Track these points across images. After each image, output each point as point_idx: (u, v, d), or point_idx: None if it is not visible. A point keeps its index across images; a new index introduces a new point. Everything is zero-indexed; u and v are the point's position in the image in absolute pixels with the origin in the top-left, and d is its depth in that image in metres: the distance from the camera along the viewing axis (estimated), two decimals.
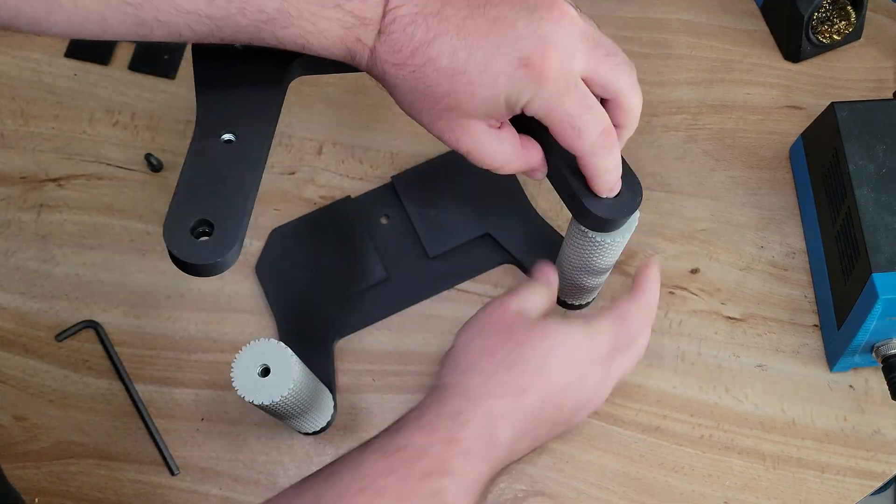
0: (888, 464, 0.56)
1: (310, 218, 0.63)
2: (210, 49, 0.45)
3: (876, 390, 0.58)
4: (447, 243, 0.61)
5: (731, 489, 0.56)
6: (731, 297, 0.61)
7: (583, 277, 0.53)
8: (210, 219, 0.41)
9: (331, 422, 0.57)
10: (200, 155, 0.42)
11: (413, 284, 0.61)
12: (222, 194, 0.41)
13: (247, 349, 0.47)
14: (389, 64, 0.41)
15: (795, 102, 0.68)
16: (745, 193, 0.64)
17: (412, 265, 0.61)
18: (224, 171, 0.42)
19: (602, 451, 0.57)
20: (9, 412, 0.58)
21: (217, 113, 0.44)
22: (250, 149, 0.43)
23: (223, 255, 0.40)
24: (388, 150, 0.65)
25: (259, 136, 0.43)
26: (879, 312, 0.52)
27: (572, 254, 0.50)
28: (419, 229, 0.61)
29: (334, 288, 0.60)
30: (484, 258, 0.62)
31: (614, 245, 0.48)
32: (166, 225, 0.41)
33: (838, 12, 0.67)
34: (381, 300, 0.61)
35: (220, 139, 0.43)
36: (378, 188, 0.64)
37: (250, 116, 0.44)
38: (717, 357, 0.59)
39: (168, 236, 0.41)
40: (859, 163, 0.56)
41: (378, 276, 0.60)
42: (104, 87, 0.68)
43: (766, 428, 0.57)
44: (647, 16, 0.70)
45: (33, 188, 0.64)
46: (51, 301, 0.61)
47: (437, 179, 0.63)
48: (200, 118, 0.44)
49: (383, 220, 0.63)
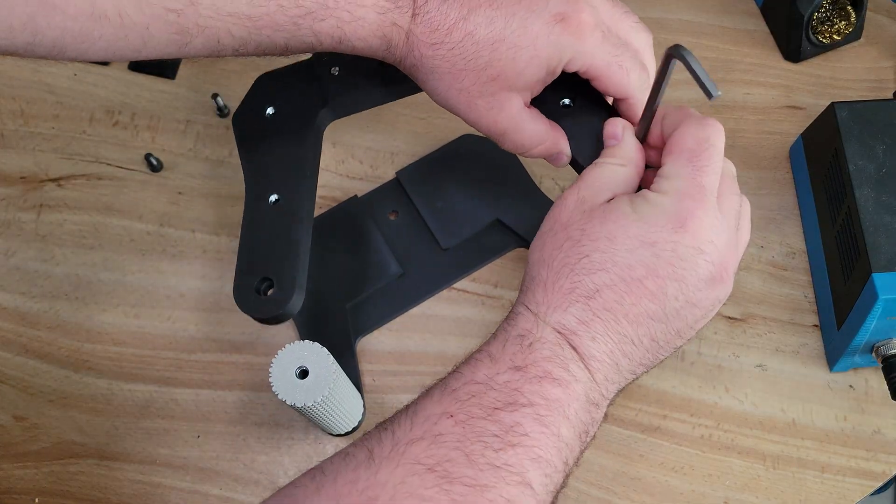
0: (888, 464, 0.56)
1: (318, 221, 0.63)
2: (247, 118, 0.50)
3: (876, 390, 0.58)
4: (459, 233, 0.61)
5: (731, 489, 0.56)
6: (731, 297, 0.61)
7: None
8: (271, 276, 0.45)
9: (361, 421, 0.57)
10: (253, 219, 0.47)
11: (429, 276, 0.61)
12: (278, 252, 0.46)
13: (284, 351, 0.47)
14: (426, 45, 0.41)
15: (795, 102, 0.68)
16: (745, 193, 0.64)
17: (426, 258, 0.61)
18: (276, 229, 0.46)
19: (602, 451, 0.57)
20: (9, 412, 0.58)
21: (262, 178, 0.48)
22: (296, 205, 0.47)
23: (285, 307, 0.45)
24: (388, 150, 0.65)
25: (301, 191, 0.47)
26: (879, 312, 0.52)
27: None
28: (429, 222, 0.62)
29: (350, 288, 0.60)
30: (496, 244, 0.62)
31: None
32: (235, 288, 0.46)
33: (838, 12, 0.67)
34: (399, 295, 0.61)
35: (269, 201, 0.47)
36: (383, 185, 0.64)
37: (292, 175, 0.48)
38: (716, 357, 0.59)
39: (238, 297, 0.45)
40: (859, 163, 0.56)
41: (394, 272, 0.60)
42: (104, 87, 0.68)
43: (766, 428, 0.57)
44: (647, 16, 0.70)
45: (33, 188, 0.64)
46: (51, 301, 0.61)
47: (440, 171, 0.63)
48: (249, 185, 0.48)
49: (392, 216, 0.63)
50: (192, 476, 0.56)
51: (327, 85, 0.50)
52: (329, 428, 0.54)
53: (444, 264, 0.61)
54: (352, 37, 0.41)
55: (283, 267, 0.45)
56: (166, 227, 0.63)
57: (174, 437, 0.57)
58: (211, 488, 0.56)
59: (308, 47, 0.42)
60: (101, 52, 0.39)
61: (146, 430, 0.57)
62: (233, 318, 0.60)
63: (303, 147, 0.48)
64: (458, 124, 0.66)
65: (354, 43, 0.42)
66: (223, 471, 0.56)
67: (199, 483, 0.56)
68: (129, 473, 0.56)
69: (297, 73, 0.51)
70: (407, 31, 0.41)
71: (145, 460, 0.56)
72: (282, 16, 0.40)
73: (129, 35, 0.38)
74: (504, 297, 0.61)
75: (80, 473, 0.56)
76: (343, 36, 0.41)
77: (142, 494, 0.56)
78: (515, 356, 0.36)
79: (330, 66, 0.50)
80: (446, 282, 0.61)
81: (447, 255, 0.61)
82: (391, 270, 0.60)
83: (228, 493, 0.56)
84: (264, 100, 0.50)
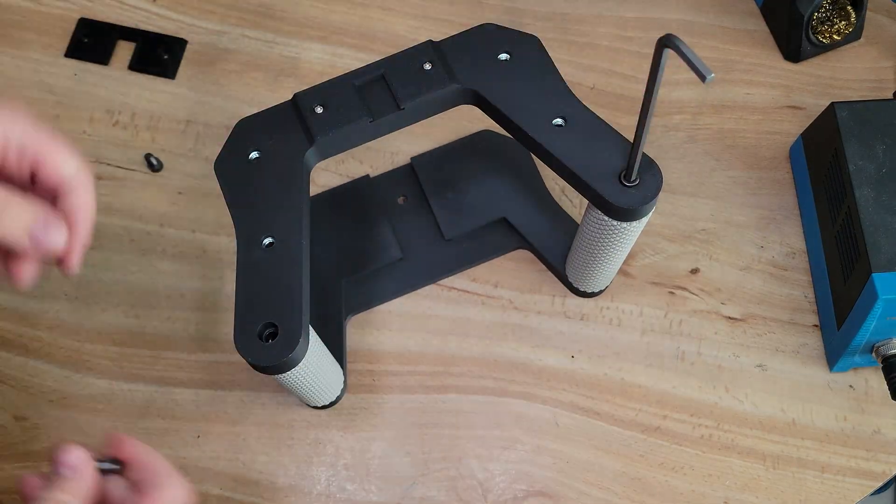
0: (888, 464, 0.56)
1: (328, 195, 0.63)
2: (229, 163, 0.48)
3: (876, 390, 0.58)
4: (463, 226, 0.61)
5: (731, 489, 0.56)
6: (731, 297, 0.61)
7: (600, 264, 0.54)
8: (274, 321, 0.44)
9: (340, 396, 0.57)
10: (247, 263, 0.46)
11: (427, 265, 0.61)
12: (279, 297, 0.44)
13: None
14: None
15: (795, 102, 0.68)
16: (745, 193, 0.64)
17: (427, 246, 0.62)
18: (273, 272, 0.45)
19: (602, 451, 0.57)
20: (9, 412, 0.58)
21: (252, 222, 0.47)
22: (294, 248, 0.46)
23: (292, 352, 0.43)
24: (387, 150, 0.65)
25: (295, 233, 0.46)
26: (879, 312, 0.52)
27: (590, 241, 0.51)
28: (436, 211, 0.62)
29: (349, 264, 0.60)
30: (499, 242, 0.62)
31: (634, 230, 0.49)
32: (236, 335, 0.44)
33: (838, 12, 0.67)
34: (395, 279, 0.61)
35: (262, 244, 0.46)
36: (397, 169, 0.64)
37: (283, 217, 0.46)
38: (717, 357, 0.59)
39: (239, 345, 0.44)
40: (859, 163, 0.56)
41: (393, 256, 0.61)
42: (104, 88, 0.68)
43: (766, 428, 0.57)
44: (647, 16, 0.70)
45: None
46: (51, 301, 0.61)
47: (455, 163, 0.64)
48: (238, 230, 0.47)
49: (401, 200, 0.63)
50: (192, 476, 0.56)
51: (312, 124, 0.48)
52: (306, 399, 0.54)
53: (444, 255, 0.62)
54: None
55: (286, 313, 0.44)
56: (166, 227, 0.63)
57: (174, 437, 0.57)
58: (211, 488, 0.56)
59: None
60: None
61: (146, 430, 0.57)
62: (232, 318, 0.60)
63: (291, 189, 0.47)
64: (458, 124, 0.66)
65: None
66: (223, 471, 0.56)
67: (199, 483, 0.56)
68: None
69: (278, 114, 0.49)
70: None
71: None
72: None
73: None
74: (504, 297, 0.61)
75: None
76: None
77: None
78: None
79: (314, 105, 0.48)
80: (444, 272, 0.61)
81: (449, 246, 0.62)
82: (391, 253, 0.61)
83: (228, 493, 0.56)
84: (246, 144, 0.48)
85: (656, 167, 0.46)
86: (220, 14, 0.70)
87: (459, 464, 0.56)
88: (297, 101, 0.48)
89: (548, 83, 0.48)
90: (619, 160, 0.46)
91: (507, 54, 0.49)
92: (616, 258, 0.53)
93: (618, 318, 0.60)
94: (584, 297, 0.61)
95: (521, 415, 0.57)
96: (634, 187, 0.45)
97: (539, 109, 0.47)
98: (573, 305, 0.61)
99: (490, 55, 0.49)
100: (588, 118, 0.47)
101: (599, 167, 0.46)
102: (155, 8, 0.70)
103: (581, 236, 0.52)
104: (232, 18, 0.70)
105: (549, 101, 0.48)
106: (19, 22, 0.70)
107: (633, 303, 0.61)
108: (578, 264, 0.56)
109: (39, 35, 0.69)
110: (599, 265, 0.54)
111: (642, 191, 0.45)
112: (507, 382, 0.58)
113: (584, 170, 0.46)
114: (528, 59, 0.49)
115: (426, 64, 0.48)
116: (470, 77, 0.48)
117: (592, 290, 0.59)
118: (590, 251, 0.52)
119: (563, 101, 0.48)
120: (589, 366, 0.59)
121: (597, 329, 0.60)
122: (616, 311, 0.60)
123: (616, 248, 0.51)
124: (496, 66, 0.49)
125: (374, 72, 0.48)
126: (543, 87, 0.48)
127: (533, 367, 0.59)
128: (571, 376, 0.59)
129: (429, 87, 0.48)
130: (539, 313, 0.60)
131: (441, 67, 0.48)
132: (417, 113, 0.49)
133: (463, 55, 0.49)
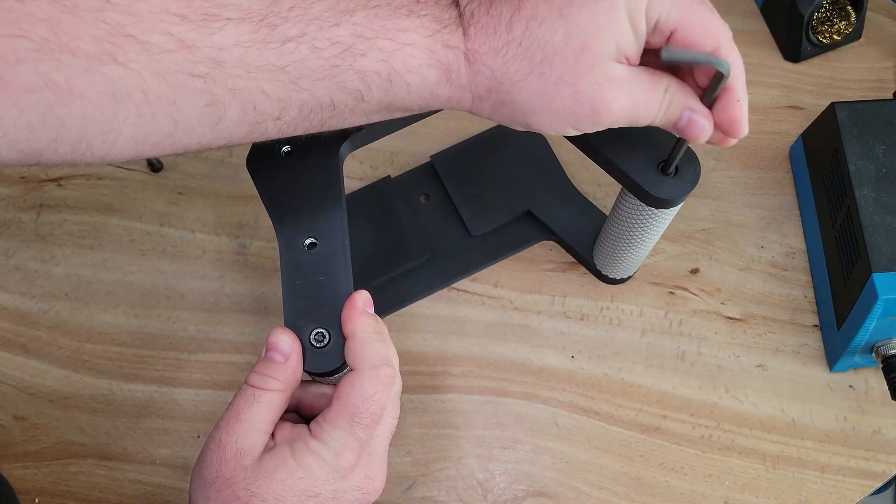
0: (888, 464, 0.56)
1: (350, 198, 0.63)
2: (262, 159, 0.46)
3: (876, 390, 0.58)
4: (489, 221, 0.62)
5: (731, 489, 0.56)
6: (731, 297, 0.61)
7: (632, 250, 0.54)
8: (322, 326, 0.42)
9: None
10: (292, 267, 0.44)
11: (455, 261, 0.61)
12: (324, 297, 0.43)
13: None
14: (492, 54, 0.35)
15: (795, 102, 0.68)
16: (745, 193, 0.64)
17: (453, 243, 0.62)
18: (318, 274, 0.44)
19: (602, 451, 0.57)
20: (9, 412, 0.58)
21: (292, 222, 0.45)
22: (334, 246, 0.44)
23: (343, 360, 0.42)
24: (387, 150, 0.65)
25: (337, 231, 0.45)
26: (879, 312, 0.52)
27: (623, 227, 0.51)
28: (460, 208, 0.62)
29: (376, 266, 0.60)
30: (524, 235, 0.62)
31: (668, 215, 0.49)
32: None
33: (838, 12, 0.67)
34: (424, 278, 0.61)
35: (304, 245, 0.44)
36: (416, 168, 0.64)
37: (322, 215, 0.45)
38: (717, 357, 0.59)
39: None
40: (859, 163, 0.56)
41: (422, 255, 0.61)
42: None
43: (766, 428, 0.57)
44: None
45: (33, 188, 0.64)
46: (51, 301, 0.61)
47: (475, 158, 0.64)
48: (278, 231, 0.45)
49: (423, 199, 0.63)
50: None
51: None
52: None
53: (471, 251, 0.62)
54: (401, 70, 0.35)
55: (334, 318, 0.43)
56: (166, 227, 0.63)
57: (174, 437, 0.57)
58: None
59: (355, 95, 0.36)
60: (129, 142, 0.34)
61: (146, 431, 0.57)
62: (233, 318, 0.60)
63: (329, 185, 0.46)
64: (458, 123, 0.66)
65: (407, 78, 0.36)
66: None
67: None
68: (129, 473, 0.56)
69: None
70: (465, 50, 0.36)
71: (145, 460, 0.56)
72: (316, 59, 0.34)
73: (157, 114, 0.33)
74: (504, 297, 0.61)
75: (80, 473, 0.56)
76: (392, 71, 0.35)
77: (142, 494, 0.55)
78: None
79: None
80: (472, 268, 0.61)
81: (475, 241, 0.62)
82: (419, 253, 0.61)
83: None
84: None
85: (696, 158, 0.46)
86: None
87: (459, 464, 0.56)
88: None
89: None
90: (656, 150, 0.46)
91: None
92: (648, 243, 0.53)
93: (618, 318, 0.60)
94: (611, 284, 0.61)
95: (521, 415, 0.57)
96: (673, 178, 0.45)
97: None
98: (573, 305, 0.61)
99: None
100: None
101: (638, 157, 0.46)
102: None
103: (613, 222, 0.53)
104: None
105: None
106: None
107: (633, 303, 0.61)
108: (608, 251, 0.56)
109: None
110: (630, 251, 0.54)
111: (681, 181, 0.45)
112: (507, 382, 0.58)
113: (624, 160, 0.46)
114: None
115: None
116: None
117: (621, 276, 0.60)
118: (621, 237, 0.52)
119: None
120: (589, 366, 0.59)
121: (597, 329, 0.60)
122: (616, 311, 0.60)
123: (649, 234, 0.51)
124: None
125: None
126: None
127: (533, 367, 0.59)
128: (571, 376, 0.59)
129: None
130: (539, 313, 0.60)
131: None
132: None
133: None
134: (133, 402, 0.58)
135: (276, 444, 0.40)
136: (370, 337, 0.41)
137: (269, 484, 0.38)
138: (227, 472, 0.38)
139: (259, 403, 0.39)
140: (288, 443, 0.40)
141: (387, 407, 0.41)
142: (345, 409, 0.39)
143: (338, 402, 0.39)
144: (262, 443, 0.39)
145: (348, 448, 0.39)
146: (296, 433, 0.40)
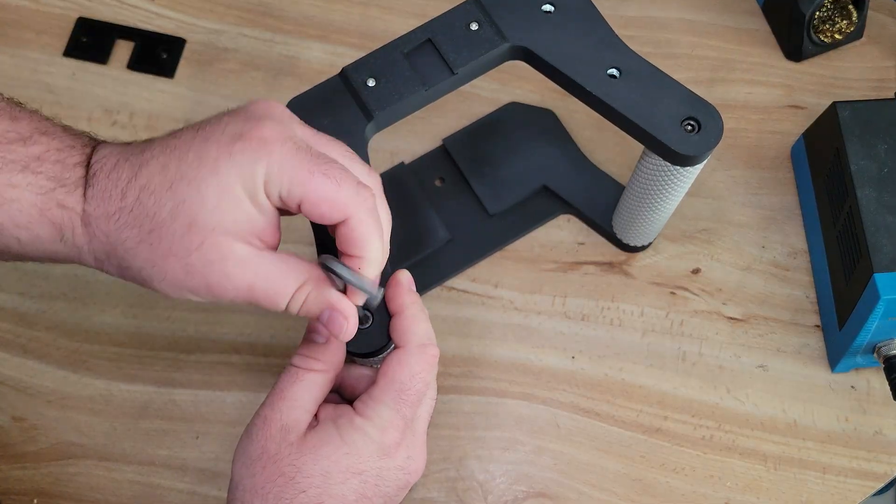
0: (889, 464, 0.56)
1: None
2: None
3: (877, 391, 0.58)
4: (506, 199, 0.62)
5: (732, 490, 0.56)
6: (733, 298, 0.61)
7: (653, 214, 0.54)
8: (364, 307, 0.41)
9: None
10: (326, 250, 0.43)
11: (476, 242, 0.61)
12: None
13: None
14: (105, 219, 0.35)
15: (797, 102, 0.67)
16: (746, 193, 0.64)
17: (473, 224, 0.62)
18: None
19: (603, 452, 0.56)
20: (7, 413, 0.57)
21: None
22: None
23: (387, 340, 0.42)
24: (387, 150, 0.65)
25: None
26: (881, 313, 0.52)
27: (645, 188, 0.51)
28: (476, 188, 0.62)
29: (398, 253, 0.60)
30: (542, 210, 0.62)
31: (692, 173, 0.49)
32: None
33: (840, 11, 0.67)
34: (446, 260, 0.61)
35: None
36: (429, 152, 0.64)
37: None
38: (718, 357, 0.59)
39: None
40: (861, 163, 0.55)
41: (442, 238, 0.61)
42: (103, 87, 0.67)
43: (768, 428, 0.57)
44: (647, 15, 0.70)
45: None
46: (50, 301, 0.61)
47: (487, 139, 0.64)
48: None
49: (438, 182, 0.63)
50: (191, 477, 0.56)
51: (367, 99, 0.46)
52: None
53: (491, 230, 0.62)
54: (9, 224, 0.35)
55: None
56: None
57: (173, 437, 0.57)
58: (210, 489, 0.56)
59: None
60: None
61: (145, 431, 0.57)
62: (232, 318, 0.60)
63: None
64: (458, 123, 0.66)
65: (15, 233, 0.35)
66: (222, 472, 0.56)
67: (198, 484, 0.56)
68: (127, 474, 0.56)
69: (329, 90, 0.47)
70: (81, 212, 0.35)
71: (144, 461, 0.56)
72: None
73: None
74: (504, 297, 0.61)
75: (78, 474, 0.56)
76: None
77: (140, 495, 0.55)
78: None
79: (364, 78, 0.46)
80: (493, 247, 0.61)
81: (494, 220, 0.62)
82: (440, 236, 0.61)
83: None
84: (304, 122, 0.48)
85: (716, 111, 0.46)
86: (219, 13, 0.70)
87: (459, 465, 0.56)
88: (346, 75, 0.47)
89: (598, 33, 0.48)
90: (677, 107, 0.46)
91: (551, 5, 0.48)
92: (670, 205, 0.53)
93: (618, 318, 0.60)
94: (631, 252, 0.61)
95: (522, 416, 0.57)
96: (697, 134, 0.45)
97: (592, 61, 0.47)
98: (574, 306, 0.60)
99: (534, 7, 0.48)
100: (643, 66, 0.47)
101: (660, 115, 0.46)
102: (154, 7, 0.70)
103: (634, 186, 0.53)
104: (230, 17, 0.70)
105: (601, 51, 0.47)
106: (18, 21, 0.69)
107: (633, 303, 0.61)
108: (629, 216, 0.56)
109: (38, 34, 0.69)
110: (652, 214, 0.54)
111: (705, 137, 0.45)
112: (508, 383, 0.58)
113: (646, 119, 0.45)
114: (573, 7, 0.48)
115: (472, 24, 0.47)
116: (518, 33, 0.47)
117: (642, 243, 0.60)
118: (643, 200, 0.52)
119: (615, 51, 0.47)
120: (589, 366, 0.59)
121: (597, 329, 0.60)
122: (617, 312, 0.60)
123: (672, 195, 0.51)
124: (542, 18, 0.48)
125: (420, 36, 0.47)
126: (593, 37, 0.47)
127: (533, 368, 0.59)
128: (572, 377, 0.58)
129: (481, 49, 0.47)
130: (539, 313, 0.60)
131: (489, 26, 0.47)
132: (469, 75, 0.48)
133: (506, 11, 0.48)
134: (132, 403, 0.58)
135: (319, 422, 0.40)
136: (418, 315, 0.41)
137: (314, 460, 0.38)
138: (273, 447, 0.38)
139: (301, 382, 0.40)
140: (332, 420, 0.40)
141: (431, 386, 0.41)
142: (392, 385, 0.39)
143: (384, 378, 0.40)
144: (306, 420, 0.40)
145: (393, 425, 0.39)
146: (340, 411, 0.40)
